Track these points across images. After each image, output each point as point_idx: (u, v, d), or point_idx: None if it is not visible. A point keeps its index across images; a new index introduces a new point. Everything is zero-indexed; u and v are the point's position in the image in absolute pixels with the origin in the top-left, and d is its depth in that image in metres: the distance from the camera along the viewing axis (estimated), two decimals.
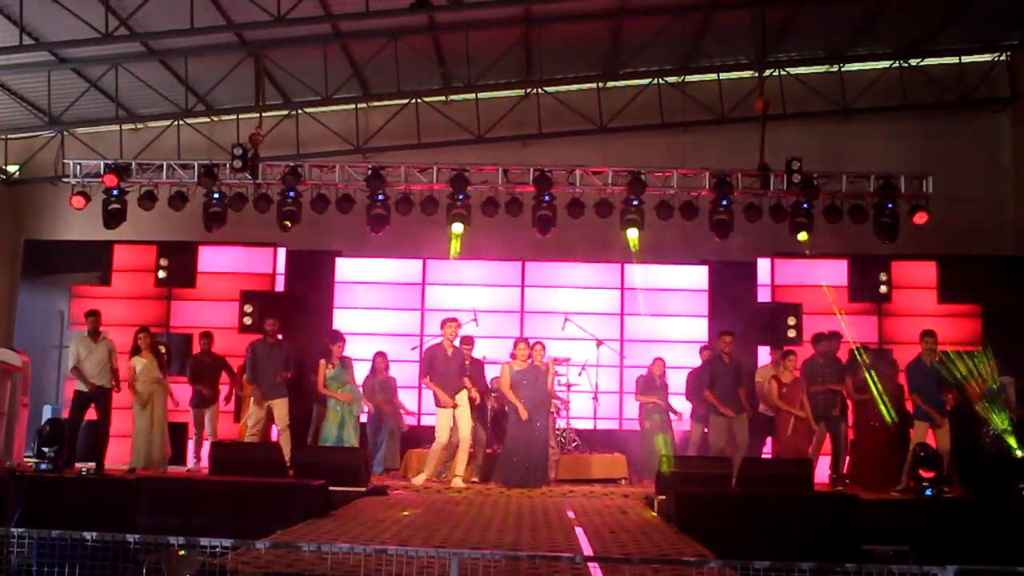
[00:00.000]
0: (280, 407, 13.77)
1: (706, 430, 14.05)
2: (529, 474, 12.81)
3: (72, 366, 13.46)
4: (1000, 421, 12.97)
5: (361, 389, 14.34)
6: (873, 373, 13.70)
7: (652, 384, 14.61)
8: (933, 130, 18.43)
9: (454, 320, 13.53)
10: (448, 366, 13.21)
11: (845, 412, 14.06)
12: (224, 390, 14.71)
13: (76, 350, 13.40)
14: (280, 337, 14.34)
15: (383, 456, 14.54)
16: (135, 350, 13.75)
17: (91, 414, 13.56)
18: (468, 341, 14.17)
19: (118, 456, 14.22)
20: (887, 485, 12.94)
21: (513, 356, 13.23)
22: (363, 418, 14.46)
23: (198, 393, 14.55)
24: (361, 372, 14.62)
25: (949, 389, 13.26)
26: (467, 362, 13.77)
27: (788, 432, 13.65)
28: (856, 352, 14.14)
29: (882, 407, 13.39)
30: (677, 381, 14.73)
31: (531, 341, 13.51)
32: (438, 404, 13.21)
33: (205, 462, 14.62)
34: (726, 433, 13.75)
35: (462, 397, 13.17)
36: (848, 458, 14.13)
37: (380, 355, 14.89)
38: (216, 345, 14.96)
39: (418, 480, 13.07)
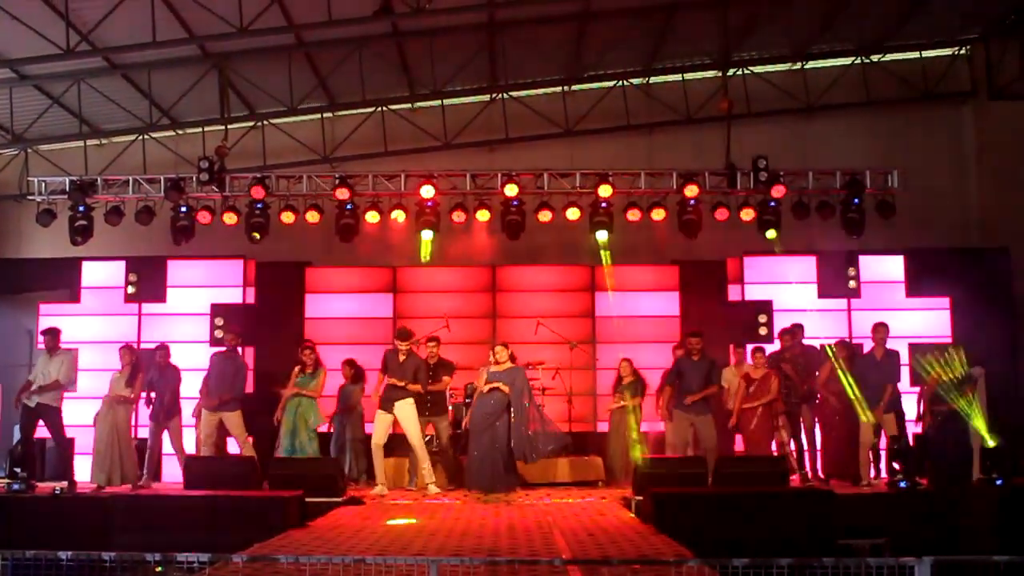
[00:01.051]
0: (232, 419, 13.68)
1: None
2: (496, 479, 12.72)
3: (28, 379, 13.39)
4: (966, 407, 13.03)
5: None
6: (843, 366, 13.76)
7: (619, 385, 14.65)
8: (897, 125, 18.56)
9: (406, 332, 13.23)
10: (396, 371, 12.89)
11: (811, 407, 14.14)
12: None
13: (37, 365, 13.35)
14: (238, 350, 14.16)
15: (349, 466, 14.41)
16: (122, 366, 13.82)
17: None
18: (433, 339, 14.14)
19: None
20: (855, 481, 13.01)
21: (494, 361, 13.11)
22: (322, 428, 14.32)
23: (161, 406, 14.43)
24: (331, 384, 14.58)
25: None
26: (432, 362, 13.71)
27: (752, 427, 13.60)
28: (829, 348, 14.15)
29: (854, 402, 13.41)
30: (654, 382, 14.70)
31: (506, 344, 13.30)
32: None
33: (160, 478, 14.61)
34: (688, 432, 13.58)
35: (402, 406, 12.81)
36: (819, 453, 14.19)
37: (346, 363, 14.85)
38: (181, 359, 14.80)
39: (376, 491, 12.69)
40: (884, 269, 16.51)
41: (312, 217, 15.88)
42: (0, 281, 17.41)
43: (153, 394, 13.76)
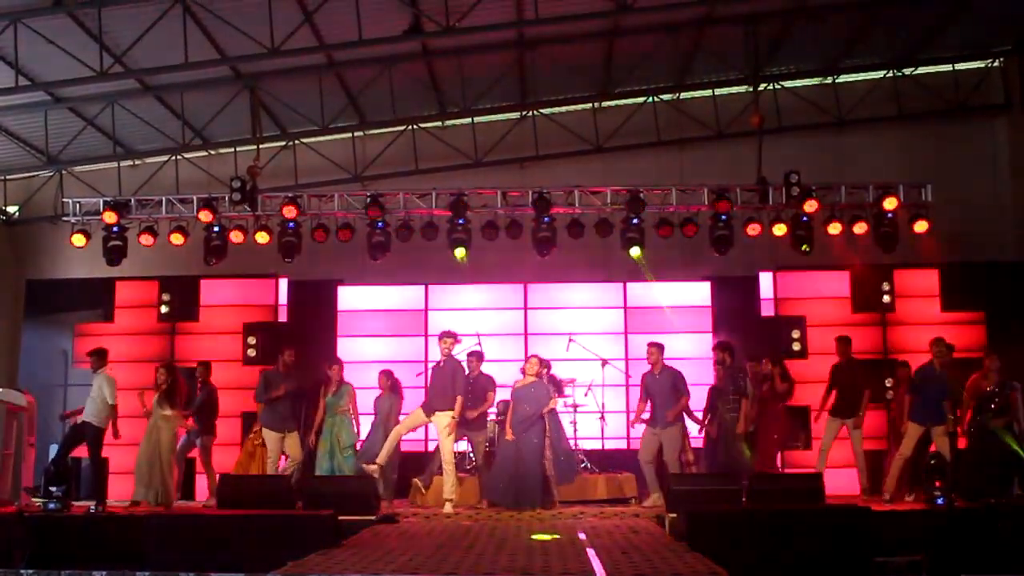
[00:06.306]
0: (291, 440, 13.71)
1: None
2: (521, 494, 12.64)
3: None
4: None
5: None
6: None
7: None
8: (930, 138, 18.44)
9: (449, 334, 13.05)
10: (434, 378, 12.93)
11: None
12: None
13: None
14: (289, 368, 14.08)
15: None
16: (156, 385, 13.79)
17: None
18: (477, 356, 14.01)
19: (124, 493, 14.21)
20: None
21: (522, 371, 13.12)
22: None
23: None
24: (366, 400, 14.56)
25: (952, 400, 13.11)
26: (473, 376, 13.57)
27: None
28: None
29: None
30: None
31: (539, 357, 13.30)
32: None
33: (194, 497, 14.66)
34: (654, 447, 13.39)
35: (442, 416, 12.71)
36: None
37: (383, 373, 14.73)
38: (215, 377, 14.91)
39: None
40: (918, 284, 16.41)
41: (343, 236, 15.94)
42: (36, 302, 17.62)
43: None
